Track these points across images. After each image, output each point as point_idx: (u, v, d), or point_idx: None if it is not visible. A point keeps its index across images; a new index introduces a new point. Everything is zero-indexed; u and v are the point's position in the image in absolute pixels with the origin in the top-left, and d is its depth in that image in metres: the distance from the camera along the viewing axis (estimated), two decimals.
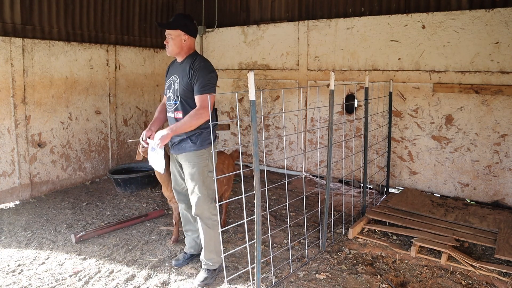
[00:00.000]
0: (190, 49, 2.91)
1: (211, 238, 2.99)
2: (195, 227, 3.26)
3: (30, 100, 4.68)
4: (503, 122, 4.25)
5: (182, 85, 2.83)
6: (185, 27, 2.82)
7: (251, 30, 5.96)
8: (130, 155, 6.02)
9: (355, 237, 3.75)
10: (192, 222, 3.27)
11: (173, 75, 2.95)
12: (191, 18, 2.91)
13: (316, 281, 3.03)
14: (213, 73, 2.83)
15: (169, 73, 3.04)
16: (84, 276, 3.10)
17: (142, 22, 6.10)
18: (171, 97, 2.94)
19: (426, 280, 3.05)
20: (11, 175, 4.58)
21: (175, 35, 2.82)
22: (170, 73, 3.03)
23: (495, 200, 4.39)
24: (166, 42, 2.87)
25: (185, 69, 2.84)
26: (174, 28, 2.80)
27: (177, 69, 2.94)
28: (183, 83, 2.83)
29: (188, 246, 3.32)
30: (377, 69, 4.95)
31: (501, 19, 4.15)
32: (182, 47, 2.86)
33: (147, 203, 4.71)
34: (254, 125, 2.30)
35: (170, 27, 2.81)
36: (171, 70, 3.04)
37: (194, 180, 2.90)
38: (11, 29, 4.53)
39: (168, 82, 2.98)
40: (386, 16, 4.81)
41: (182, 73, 2.85)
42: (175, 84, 2.89)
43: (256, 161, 2.33)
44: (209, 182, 2.91)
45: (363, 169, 4.14)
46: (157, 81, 6.34)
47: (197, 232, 3.25)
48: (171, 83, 2.95)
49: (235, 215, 4.34)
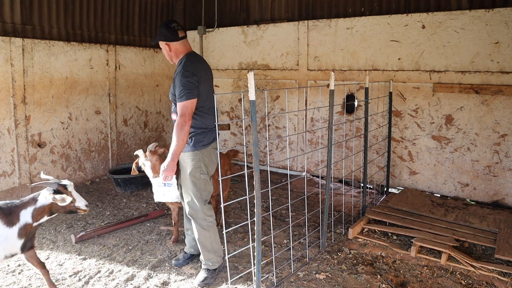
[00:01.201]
0: (179, 52, 2.91)
1: (206, 239, 2.98)
2: None
3: (30, 100, 4.68)
4: (503, 122, 4.25)
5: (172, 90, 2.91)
6: (162, 36, 2.88)
7: (251, 30, 5.96)
8: (130, 155, 6.02)
9: (355, 237, 3.75)
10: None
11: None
12: (166, 23, 2.93)
13: (316, 281, 3.03)
14: (189, 78, 2.73)
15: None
16: (84, 276, 3.10)
17: (142, 22, 6.10)
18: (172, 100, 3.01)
19: (426, 280, 3.05)
20: (11, 175, 4.58)
21: (162, 47, 2.94)
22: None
23: (495, 200, 4.39)
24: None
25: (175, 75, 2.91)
26: (157, 42, 2.93)
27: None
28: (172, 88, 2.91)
29: (188, 246, 3.32)
30: (377, 69, 4.95)
31: (501, 19, 4.15)
32: (171, 54, 2.93)
33: (147, 203, 4.71)
34: (254, 125, 2.30)
35: (155, 42, 2.96)
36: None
37: (185, 181, 2.92)
38: (11, 29, 4.53)
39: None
40: (386, 16, 4.81)
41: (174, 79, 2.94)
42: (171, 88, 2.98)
43: (256, 161, 2.33)
44: (200, 184, 2.91)
45: (363, 169, 4.14)
46: (157, 81, 6.34)
47: None
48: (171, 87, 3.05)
49: (235, 215, 4.34)
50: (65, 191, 2.63)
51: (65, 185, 2.66)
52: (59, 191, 2.61)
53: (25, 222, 2.54)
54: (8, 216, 2.50)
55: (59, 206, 2.61)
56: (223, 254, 3.06)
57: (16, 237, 2.52)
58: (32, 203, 2.59)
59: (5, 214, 2.49)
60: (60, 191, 2.62)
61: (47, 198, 2.58)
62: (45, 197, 2.59)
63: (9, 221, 2.50)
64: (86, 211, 2.73)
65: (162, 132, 6.57)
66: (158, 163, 3.14)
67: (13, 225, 2.51)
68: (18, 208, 2.56)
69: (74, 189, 2.71)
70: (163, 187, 3.02)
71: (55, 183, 2.63)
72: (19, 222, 2.53)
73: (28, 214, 2.56)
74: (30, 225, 2.57)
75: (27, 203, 2.59)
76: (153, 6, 6.24)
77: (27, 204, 2.58)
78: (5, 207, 2.53)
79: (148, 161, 3.17)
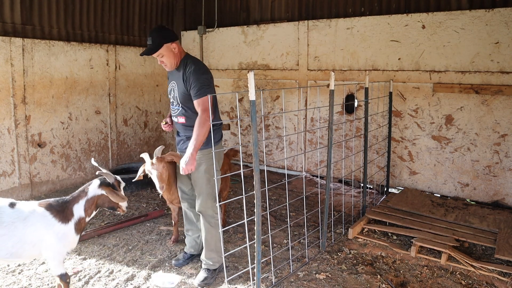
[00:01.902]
0: (181, 52, 2.92)
1: (212, 237, 2.99)
2: (196, 227, 3.26)
3: (30, 100, 4.68)
4: (503, 122, 4.25)
5: (180, 92, 2.87)
6: (167, 38, 2.78)
7: (251, 30, 5.96)
8: (130, 155, 6.02)
9: (355, 237, 3.75)
10: (194, 222, 3.27)
11: (172, 81, 2.98)
12: (162, 26, 2.95)
13: (316, 281, 3.03)
14: (206, 74, 2.81)
15: (169, 78, 3.06)
16: (84, 276, 3.10)
17: (142, 22, 6.10)
18: (173, 103, 2.98)
19: (426, 280, 3.05)
20: (11, 175, 4.58)
21: (165, 50, 2.79)
22: (169, 78, 3.04)
23: (495, 200, 4.39)
24: (161, 63, 2.86)
25: (180, 76, 2.86)
26: (160, 48, 2.77)
27: (174, 75, 2.96)
28: (180, 90, 2.86)
29: (188, 246, 3.33)
30: (377, 69, 4.95)
31: (501, 19, 4.15)
32: (176, 55, 2.85)
33: (147, 203, 4.71)
34: (254, 125, 2.30)
35: (157, 49, 2.77)
36: (169, 75, 3.05)
37: (199, 179, 2.92)
38: (11, 29, 4.53)
39: (169, 88, 3.02)
40: (386, 16, 4.81)
41: (178, 80, 2.89)
42: (175, 91, 2.93)
43: (256, 161, 2.33)
44: (214, 181, 2.91)
45: (363, 169, 4.14)
46: (157, 81, 6.34)
47: (198, 232, 3.26)
48: (171, 89, 2.99)
49: (235, 215, 4.34)
50: (118, 187, 2.64)
51: (119, 181, 2.67)
52: (114, 185, 2.61)
53: (79, 217, 2.54)
54: (61, 213, 2.49)
55: (106, 199, 2.60)
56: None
57: (74, 232, 2.52)
58: (83, 196, 2.58)
59: (58, 211, 2.48)
60: (115, 186, 2.62)
61: (99, 189, 2.57)
62: (96, 188, 2.58)
63: (64, 217, 2.48)
64: (125, 211, 2.74)
65: (162, 132, 6.57)
66: (164, 171, 3.00)
67: (69, 221, 2.49)
68: (70, 203, 2.54)
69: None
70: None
71: (114, 177, 2.64)
72: (74, 217, 2.52)
73: (81, 207, 2.55)
74: (84, 219, 2.56)
75: (78, 196, 2.58)
76: (153, 6, 6.24)
77: (78, 198, 2.57)
78: (56, 204, 2.52)
79: (155, 170, 2.96)
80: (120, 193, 2.63)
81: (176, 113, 2.98)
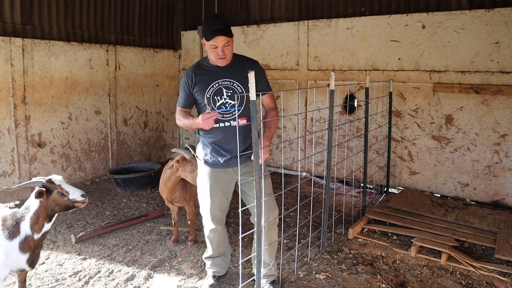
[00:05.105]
0: None
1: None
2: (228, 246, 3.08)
3: (30, 100, 4.68)
4: (503, 122, 4.25)
5: (245, 89, 2.52)
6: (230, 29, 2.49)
7: (251, 30, 5.96)
8: (130, 155, 6.02)
9: (355, 237, 3.75)
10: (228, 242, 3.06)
11: (221, 80, 2.55)
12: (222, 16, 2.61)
13: (316, 281, 3.03)
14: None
15: (206, 79, 2.56)
16: (84, 276, 3.10)
17: (142, 22, 6.10)
18: (227, 104, 2.54)
19: (426, 280, 3.05)
20: (11, 175, 4.58)
21: (232, 40, 2.50)
22: (210, 78, 2.56)
23: (495, 200, 4.39)
24: (223, 51, 2.46)
25: (237, 71, 2.55)
26: (232, 35, 2.48)
27: (224, 74, 2.56)
28: (245, 86, 2.51)
29: (220, 269, 3.02)
30: (377, 69, 4.95)
31: (501, 19, 4.15)
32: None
33: (147, 203, 4.71)
34: (254, 125, 2.30)
35: (232, 34, 2.48)
36: (208, 75, 2.57)
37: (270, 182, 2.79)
38: (11, 29, 4.53)
39: (216, 88, 2.55)
40: (386, 16, 4.82)
41: (236, 76, 2.54)
42: (236, 89, 2.55)
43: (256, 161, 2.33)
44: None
45: (363, 169, 4.14)
46: (157, 81, 6.34)
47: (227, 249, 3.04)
48: (221, 88, 2.54)
49: (235, 215, 4.34)
50: (53, 186, 2.34)
51: (51, 180, 2.36)
52: (48, 188, 2.32)
53: (26, 235, 2.33)
54: (11, 228, 2.33)
55: (53, 205, 2.34)
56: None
57: (18, 251, 2.32)
58: (26, 213, 2.36)
59: (9, 226, 2.33)
60: (49, 187, 2.32)
61: (35, 200, 2.31)
62: (33, 201, 2.32)
63: (11, 234, 2.31)
64: (85, 202, 2.40)
65: (162, 132, 6.57)
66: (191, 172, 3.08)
67: (14, 238, 2.32)
68: (20, 219, 2.35)
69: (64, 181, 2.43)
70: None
71: (39, 181, 2.33)
72: (20, 235, 2.33)
73: (26, 225, 2.33)
74: (31, 237, 2.34)
75: (24, 213, 2.36)
76: (153, 6, 6.24)
77: (24, 215, 2.35)
78: (12, 217, 2.36)
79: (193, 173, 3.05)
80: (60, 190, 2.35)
81: (233, 116, 2.56)
